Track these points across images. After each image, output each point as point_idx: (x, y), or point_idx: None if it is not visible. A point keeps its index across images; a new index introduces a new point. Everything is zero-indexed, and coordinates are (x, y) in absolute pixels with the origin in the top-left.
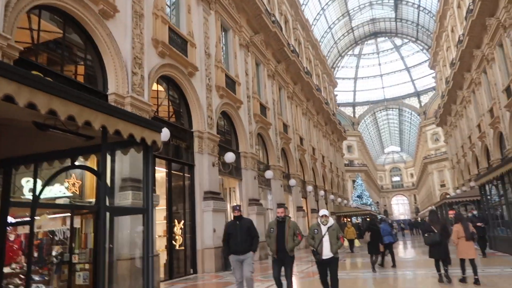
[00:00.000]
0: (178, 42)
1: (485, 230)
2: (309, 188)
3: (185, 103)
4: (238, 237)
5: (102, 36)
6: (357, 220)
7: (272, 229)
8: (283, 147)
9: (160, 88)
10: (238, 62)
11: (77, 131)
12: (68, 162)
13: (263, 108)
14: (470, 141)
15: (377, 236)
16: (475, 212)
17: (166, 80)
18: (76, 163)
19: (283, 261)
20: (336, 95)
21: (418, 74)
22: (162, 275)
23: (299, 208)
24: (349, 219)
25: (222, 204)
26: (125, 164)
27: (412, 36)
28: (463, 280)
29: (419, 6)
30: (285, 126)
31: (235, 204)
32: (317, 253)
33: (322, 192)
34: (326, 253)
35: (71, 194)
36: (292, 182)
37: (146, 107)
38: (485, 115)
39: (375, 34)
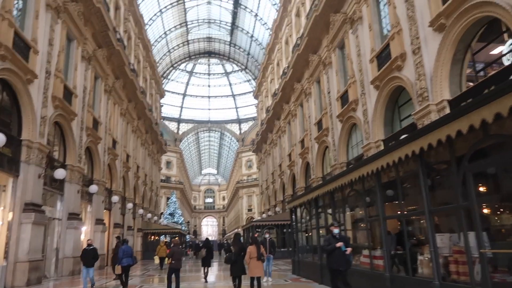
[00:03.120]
0: None
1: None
2: (115, 198)
3: None
4: None
5: None
6: (165, 238)
7: None
8: (89, 146)
9: None
10: (40, 24)
11: None
12: None
13: (69, 93)
14: (280, 168)
15: (211, 252)
16: (336, 231)
17: None
18: None
19: None
20: (162, 105)
21: (242, 102)
22: None
23: (99, 221)
24: (157, 237)
25: None
26: None
27: (242, 63)
28: None
29: (252, 36)
30: (96, 122)
31: None
32: None
33: (130, 205)
34: None
35: None
36: (93, 188)
37: None
38: (297, 145)
39: (209, 53)
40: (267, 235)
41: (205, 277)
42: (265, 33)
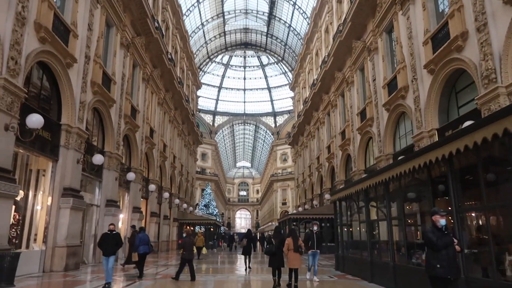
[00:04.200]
0: None
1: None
2: (152, 187)
3: None
4: None
5: None
6: (200, 229)
7: None
8: (127, 133)
9: None
10: (79, 8)
11: None
12: None
13: (107, 80)
14: (318, 161)
15: (252, 242)
16: (442, 222)
17: None
18: None
19: None
20: (199, 96)
21: (277, 95)
22: None
23: (136, 209)
24: (192, 228)
25: (10, 188)
26: None
27: (279, 55)
28: (289, 285)
29: (289, 26)
30: (134, 110)
31: None
32: None
33: (166, 194)
34: None
35: None
36: (131, 175)
37: None
38: (337, 136)
39: (245, 45)
40: (315, 227)
41: (247, 266)
42: (303, 23)
